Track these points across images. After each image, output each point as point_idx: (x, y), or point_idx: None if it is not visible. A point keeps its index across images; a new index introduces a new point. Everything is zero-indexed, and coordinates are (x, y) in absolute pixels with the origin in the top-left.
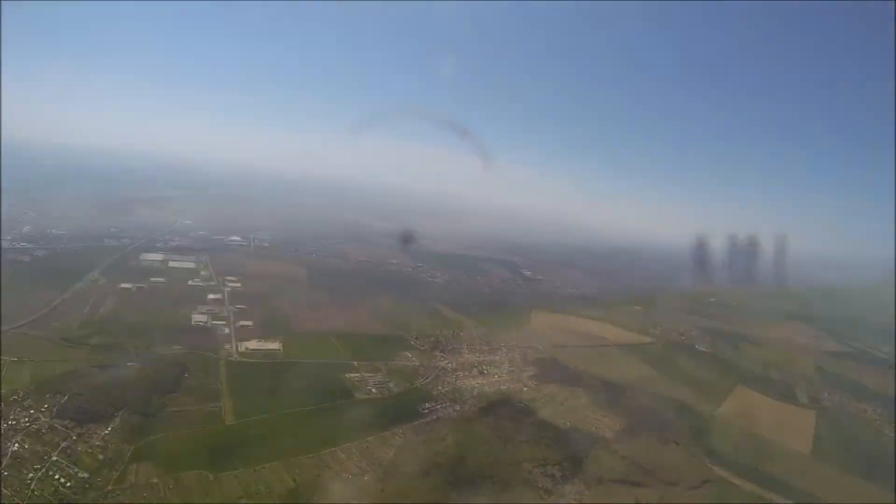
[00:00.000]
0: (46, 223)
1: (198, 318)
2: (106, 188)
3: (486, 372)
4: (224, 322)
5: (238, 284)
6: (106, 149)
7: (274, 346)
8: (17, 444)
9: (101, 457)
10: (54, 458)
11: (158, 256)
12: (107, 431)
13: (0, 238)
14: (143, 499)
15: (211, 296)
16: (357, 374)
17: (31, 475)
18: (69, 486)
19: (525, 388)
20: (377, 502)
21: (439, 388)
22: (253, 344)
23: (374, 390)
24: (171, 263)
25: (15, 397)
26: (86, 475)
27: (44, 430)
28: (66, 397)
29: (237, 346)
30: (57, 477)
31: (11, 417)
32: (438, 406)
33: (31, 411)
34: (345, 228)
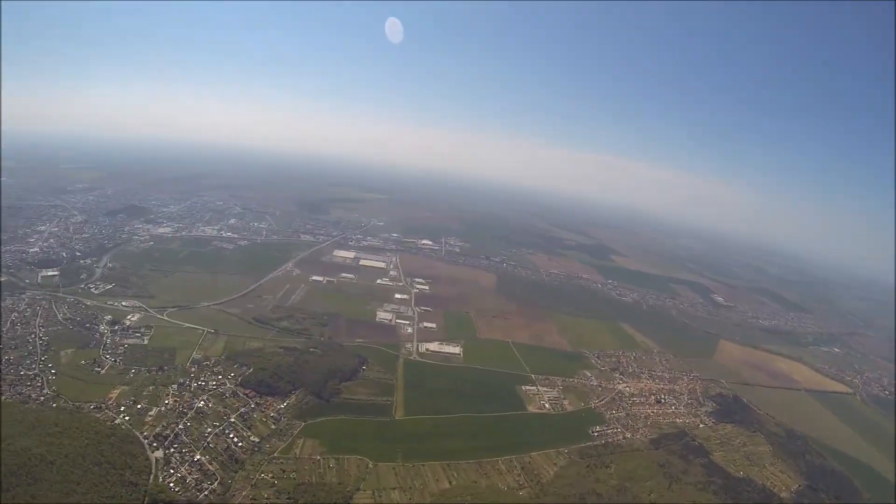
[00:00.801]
0: (250, 217)
1: (382, 315)
2: (305, 188)
3: (663, 401)
4: (408, 322)
5: (426, 287)
6: (304, 153)
7: (454, 350)
8: (202, 402)
9: (273, 426)
10: (232, 420)
11: (350, 254)
12: (282, 406)
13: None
14: (304, 471)
15: (398, 295)
16: (533, 387)
17: (209, 429)
18: (240, 446)
19: (701, 425)
20: None
21: (613, 411)
22: (434, 346)
23: (547, 405)
24: (361, 261)
25: (207, 363)
26: (257, 440)
27: (227, 395)
28: (251, 370)
29: (418, 346)
30: (231, 436)
31: (202, 379)
32: (609, 430)
33: (220, 377)
34: (537, 238)
